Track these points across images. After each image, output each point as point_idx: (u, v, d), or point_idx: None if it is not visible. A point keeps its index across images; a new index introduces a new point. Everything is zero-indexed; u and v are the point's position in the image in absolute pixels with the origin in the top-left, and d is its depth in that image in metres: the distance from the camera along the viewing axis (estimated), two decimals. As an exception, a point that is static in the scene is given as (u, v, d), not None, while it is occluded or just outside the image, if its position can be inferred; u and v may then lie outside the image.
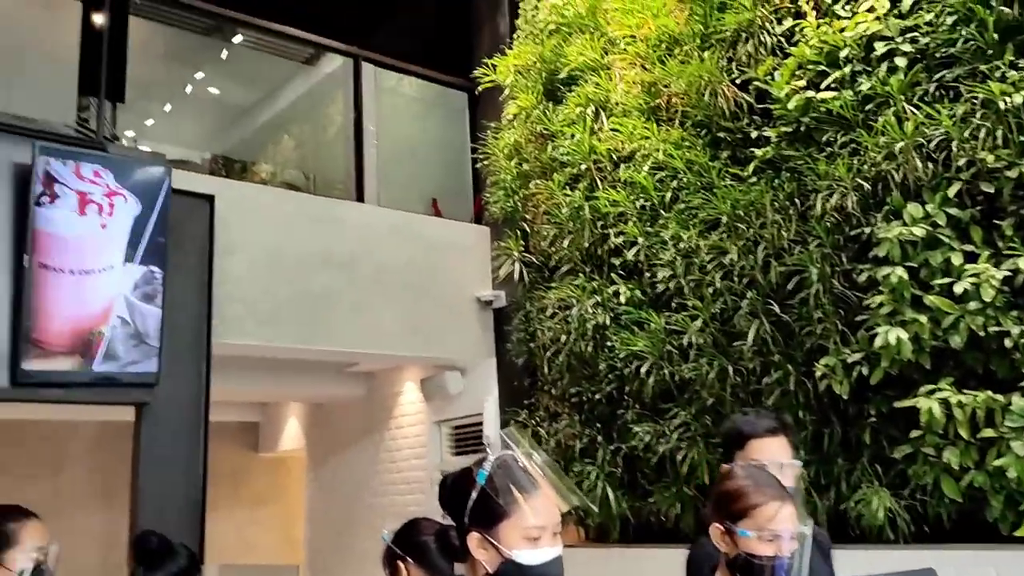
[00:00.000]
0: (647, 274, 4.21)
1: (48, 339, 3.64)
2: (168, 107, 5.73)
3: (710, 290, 3.89)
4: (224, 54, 5.69)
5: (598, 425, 4.42)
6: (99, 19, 4.31)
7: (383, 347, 4.94)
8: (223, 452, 7.43)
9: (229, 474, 7.62)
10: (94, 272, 3.77)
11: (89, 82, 4.22)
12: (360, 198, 5.14)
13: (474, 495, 1.47)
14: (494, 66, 5.10)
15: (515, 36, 5.29)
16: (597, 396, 4.40)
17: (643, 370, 4.04)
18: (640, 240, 4.22)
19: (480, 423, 5.34)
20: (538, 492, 1.47)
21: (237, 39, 5.49)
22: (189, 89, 5.80)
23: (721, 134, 4.01)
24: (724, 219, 3.84)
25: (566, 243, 4.58)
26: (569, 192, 4.60)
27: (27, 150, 3.66)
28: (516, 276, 4.95)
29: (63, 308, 3.68)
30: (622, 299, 4.24)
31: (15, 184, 3.69)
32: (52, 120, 4.13)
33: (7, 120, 3.84)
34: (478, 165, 5.42)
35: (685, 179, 4.09)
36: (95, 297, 3.76)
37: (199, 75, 5.82)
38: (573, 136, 4.60)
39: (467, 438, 5.55)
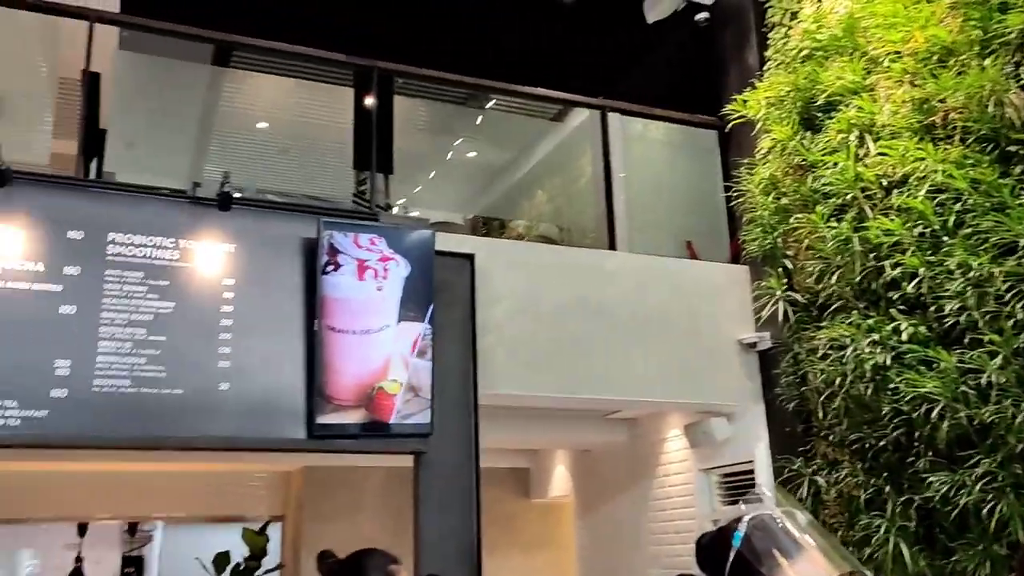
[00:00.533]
0: (932, 308, 3.82)
1: (337, 395, 3.97)
2: (432, 174, 6.16)
3: (1010, 322, 3.44)
4: (479, 120, 6.03)
5: (885, 474, 4.04)
6: (368, 101, 4.75)
7: (644, 394, 4.88)
8: (496, 497, 7.68)
9: (503, 519, 7.84)
10: (373, 332, 4.08)
11: (363, 158, 4.63)
12: (612, 245, 5.17)
13: (731, 558, 1.37)
14: (744, 101, 4.96)
15: (765, 68, 5.11)
16: (882, 442, 4.03)
17: (934, 414, 3.65)
18: (921, 271, 3.85)
19: (751, 471, 5.09)
20: (803, 555, 1.34)
21: (490, 104, 5.80)
22: (449, 155, 6.20)
23: (1012, 148, 3.58)
24: (1022, 242, 3.40)
25: (834, 278, 4.29)
26: (835, 224, 4.31)
27: (313, 225, 4.07)
28: (781, 316, 4.70)
29: (349, 366, 4.01)
30: (904, 336, 3.88)
31: (304, 256, 4.11)
32: (334, 196, 4.59)
33: (298, 201, 4.31)
34: (732, 204, 5.25)
35: (971, 201, 3.69)
36: (375, 355, 4.06)
37: (457, 141, 6.20)
38: (835, 164, 4.33)
39: (737, 486, 5.31)
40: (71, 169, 4.20)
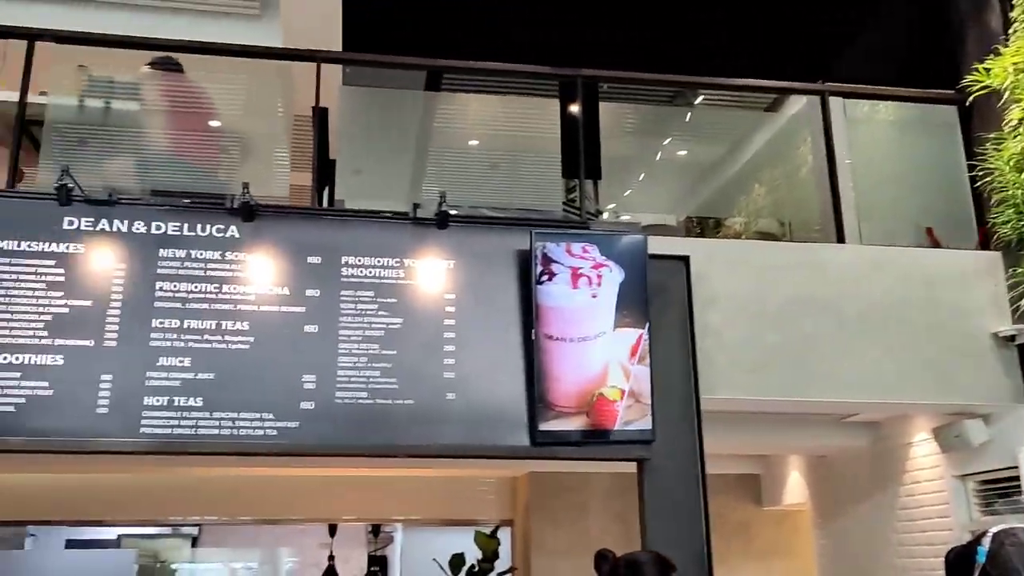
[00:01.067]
0: None
1: (558, 402, 4.01)
2: (641, 176, 6.09)
3: None
4: (688, 117, 5.90)
5: None
6: (574, 109, 4.78)
7: (885, 395, 4.55)
8: (725, 505, 7.47)
9: (734, 527, 7.61)
10: (589, 339, 4.09)
11: (571, 166, 4.67)
12: (840, 238, 4.85)
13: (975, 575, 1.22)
14: (987, 69, 4.50)
15: (1010, 31, 4.61)
16: None
17: None
18: None
19: (1015, 477, 4.59)
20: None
21: (699, 100, 5.65)
22: (658, 156, 6.10)
23: None
24: None
25: (1105, 259, 3.78)
26: (1102, 198, 3.81)
27: (526, 237, 4.15)
28: (1041, 305, 4.21)
29: (568, 373, 4.05)
30: None
31: (519, 267, 4.20)
32: (544, 206, 4.66)
33: (510, 214, 4.42)
34: (978, 184, 4.78)
35: None
36: (593, 361, 4.07)
37: (666, 141, 6.10)
38: (1100, 130, 3.82)
39: (999, 494, 4.81)
40: (307, 199, 4.55)
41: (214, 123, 4.85)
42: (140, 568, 8.80)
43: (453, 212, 4.19)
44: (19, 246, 3.89)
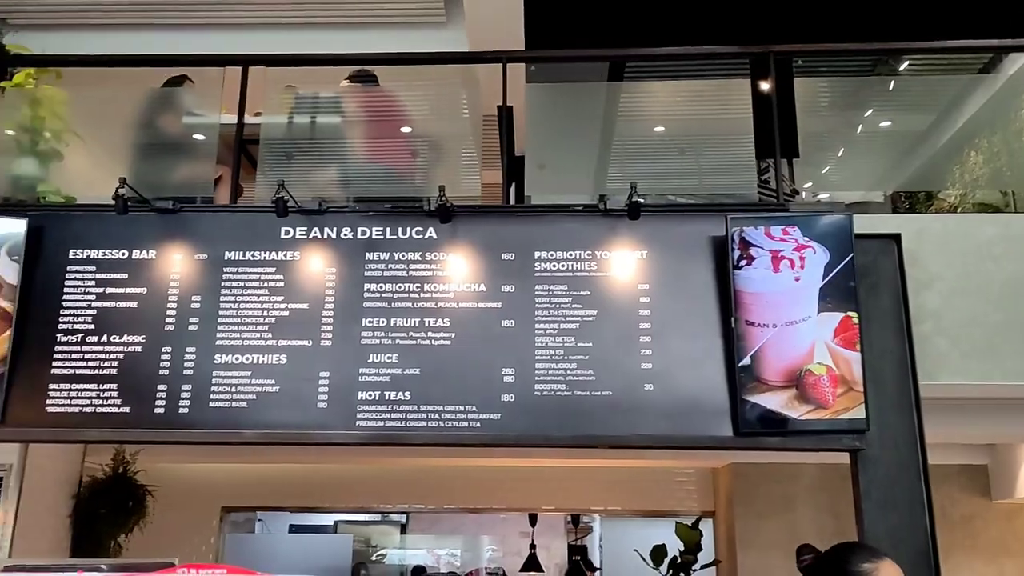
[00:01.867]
0: None
1: (762, 391, 3.89)
2: (841, 152, 5.77)
3: None
4: (891, 86, 5.53)
5: None
6: (765, 86, 4.60)
7: None
8: (949, 497, 6.97)
9: (959, 521, 7.09)
10: (794, 323, 3.94)
11: (765, 147, 4.50)
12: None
13: None
14: None
15: None
16: None
17: None
18: None
19: None
20: None
21: (903, 67, 5.28)
22: (859, 129, 5.76)
23: None
24: None
25: None
26: None
27: (720, 223, 4.05)
28: None
29: (771, 361, 3.92)
30: None
31: (714, 254, 4.11)
32: (737, 190, 4.52)
33: (702, 201, 4.33)
34: None
35: None
36: (798, 346, 3.91)
37: (867, 113, 5.74)
38: None
39: None
40: (497, 197, 4.66)
41: (407, 129, 5.07)
42: (355, 552, 9.37)
43: (644, 202, 4.15)
44: (244, 256, 4.25)
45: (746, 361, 3.91)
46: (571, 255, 4.18)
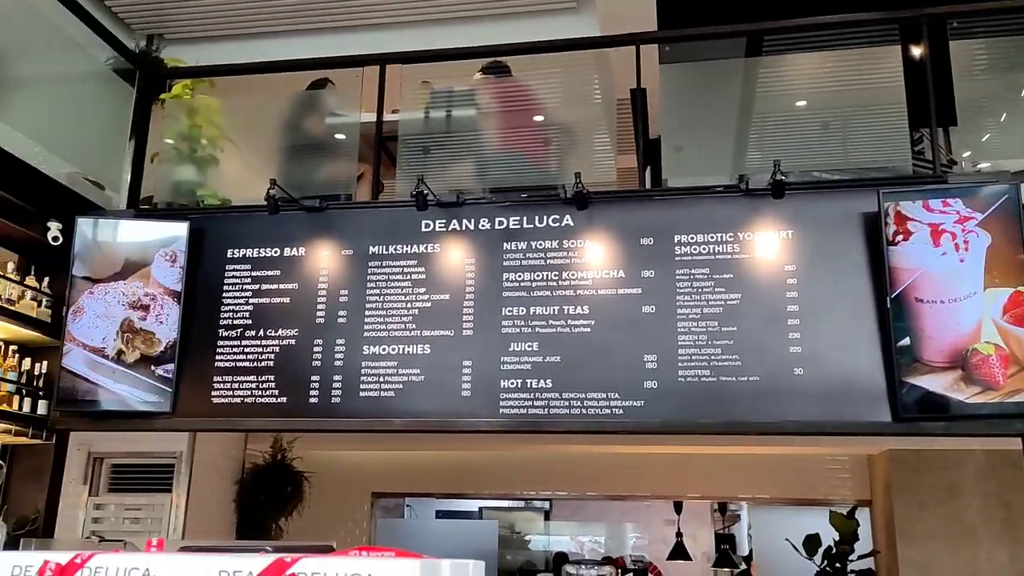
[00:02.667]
0: None
1: (922, 374, 3.68)
2: (1003, 116, 5.37)
3: None
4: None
5: None
6: (917, 52, 4.33)
7: None
8: None
9: None
10: (958, 300, 3.70)
11: (919, 116, 4.24)
12: None
13: None
14: None
15: None
16: None
17: None
18: None
19: None
20: None
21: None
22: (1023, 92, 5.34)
23: None
24: None
25: None
26: None
27: (871, 198, 3.85)
28: None
29: (932, 340, 3.70)
30: None
31: (866, 230, 3.91)
32: (889, 162, 4.27)
33: (851, 176, 4.12)
34: None
35: None
36: (962, 322, 3.68)
37: (1032, 73, 5.32)
38: None
39: None
40: (633, 182, 4.60)
41: (540, 118, 5.07)
42: (500, 537, 9.53)
43: (787, 179, 3.99)
44: (387, 250, 4.37)
45: (904, 341, 3.70)
46: (712, 238, 4.07)
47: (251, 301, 4.40)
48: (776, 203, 4.03)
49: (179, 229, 4.44)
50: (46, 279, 4.57)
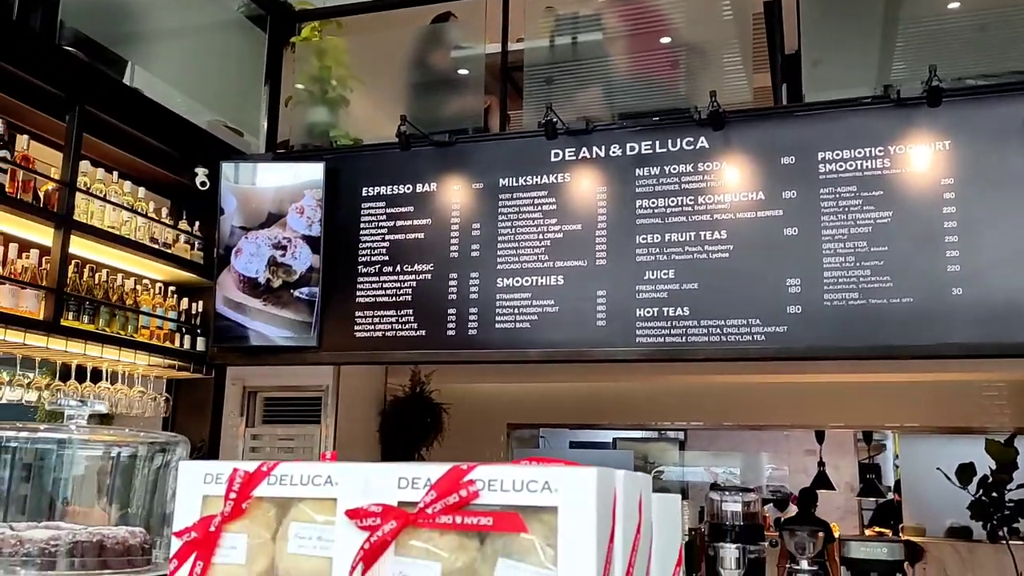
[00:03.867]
0: None
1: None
2: None
3: None
4: None
5: None
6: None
7: None
8: None
9: None
10: None
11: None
12: None
13: None
14: None
15: None
16: None
17: None
18: None
19: None
20: None
21: None
22: None
23: None
24: None
25: None
26: None
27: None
28: None
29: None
30: None
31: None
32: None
33: (1012, 79, 3.78)
34: None
35: None
36: None
37: None
38: None
39: None
40: (768, 101, 4.38)
41: (667, 39, 4.87)
42: (634, 468, 9.55)
43: (943, 86, 3.70)
44: (517, 181, 4.35)
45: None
46: (860, 153, 3.84)
47: (387, 238, 4.49)
48: (931, 112, 3.75)
49: (315, 171, 4.55)
50: (196, 223, 4.80)
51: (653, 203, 4.11)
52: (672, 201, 4.08)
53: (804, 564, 3.70)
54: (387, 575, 0.93)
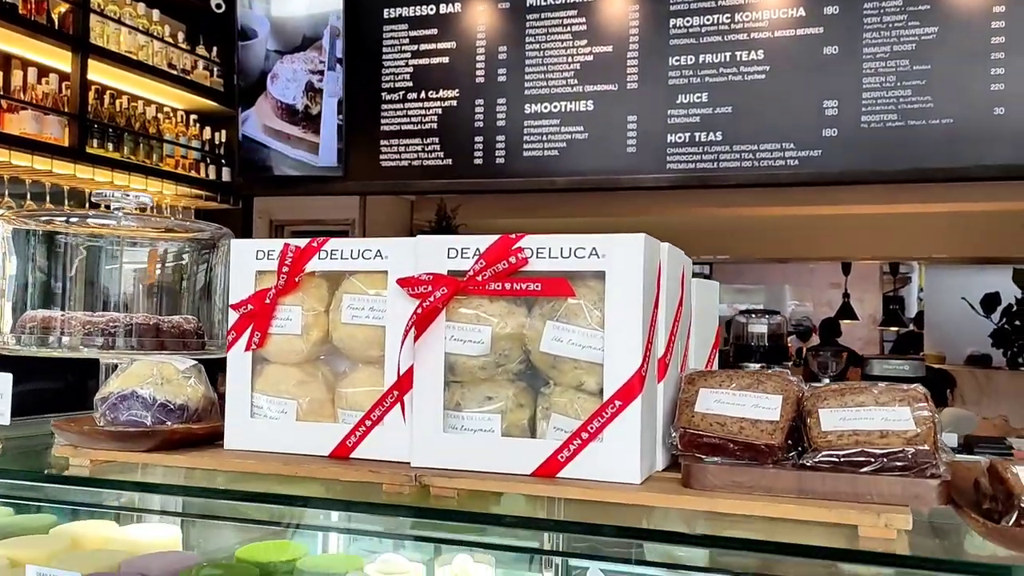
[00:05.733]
0: None
1: None
2: None
3: None
4: None
5: None
6: None
7: None
8: None
9: None
10: None
11: None
12: None
13: None
14: None
15: None
16: None
17: None
18: None
19: None
20: None
21: None
22: None
23: None
24: None
25: None
26: None
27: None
28: None
29: None
30: None
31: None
32: None
33: None
34: None
35: None
36: None
37: None
38: None
39: None
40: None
41: None
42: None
43: None
44: (545, 1, 4.17)
45: None
46: (908, -37, 3.63)
47: (410, 63, 4.37)
48: (993, -82, 3.51)
49: (335, -9, 4.39)
50: (215, 49, 4.69)
51: (687, 22, 3.95)
52: (707, 19, 3.92)
53: (827, 382, 3.75)
54: (438, 340, 0.95)
